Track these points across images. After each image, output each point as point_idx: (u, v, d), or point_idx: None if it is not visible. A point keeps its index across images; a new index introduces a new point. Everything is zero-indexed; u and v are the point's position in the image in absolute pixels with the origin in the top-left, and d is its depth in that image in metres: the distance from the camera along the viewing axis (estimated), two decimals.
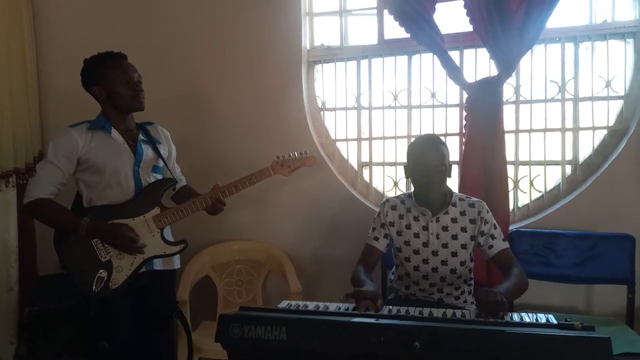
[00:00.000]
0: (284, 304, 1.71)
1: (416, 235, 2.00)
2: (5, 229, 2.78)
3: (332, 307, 1.67)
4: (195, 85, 2.92)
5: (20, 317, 2.80)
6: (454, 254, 1.96)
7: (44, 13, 3.01)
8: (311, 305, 1.67)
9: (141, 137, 2.13)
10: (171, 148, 2.28)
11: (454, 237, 1.96)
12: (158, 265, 2.12)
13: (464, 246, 1.96)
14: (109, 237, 1.98)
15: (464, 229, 1.96)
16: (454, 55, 2.53)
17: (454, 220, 1.97)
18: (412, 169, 1.96)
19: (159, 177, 2.16)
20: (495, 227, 1.95)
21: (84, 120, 2.07)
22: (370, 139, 2.83)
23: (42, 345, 2.53)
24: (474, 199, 2.00)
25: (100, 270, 1.98)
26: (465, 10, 2.39)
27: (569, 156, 2.54)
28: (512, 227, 2.47)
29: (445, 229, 1.97)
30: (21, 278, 2.84)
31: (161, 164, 2.16)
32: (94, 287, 1.97)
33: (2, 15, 2.73)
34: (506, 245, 1.95)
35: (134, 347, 2.10)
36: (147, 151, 2.11)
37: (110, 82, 2.02)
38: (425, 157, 1.91)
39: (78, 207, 2.08)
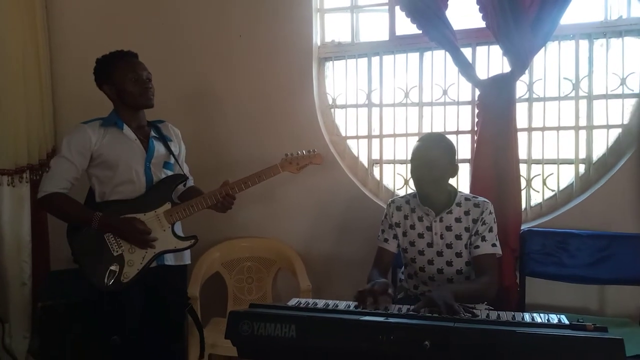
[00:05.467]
0: (293, 302, 1.72)
1: (420, 236, 1.98)
2: (19, 224, 2.81)
3: (342, 305, 1.67)
4: (205, 82, 2.93)
5: (33, 311, 2.83)
6: (459, 255, 1.94)
7: (57, 14, 3.04)
8: (321, 303, 1.67)
9: (153, 133, 2.14)
10: (181, 146, 2.30)
11: (458, 237, 1.94)
12: (169, 260, 2.13)
13: (467, 246, 1.94)
14: (121, 230, 2.00)
15: (467, 229, 1.94)
16: (466, 51, 2.51)
17: (457, 220, 1.95)
18: (410, 166, 1.97)
19: (170, 173, 2.17)
20: (490, 231, 1.92)
21: (96, 117, 2.09)
22: (381, 136, 2.81)
23: (54, 340, 2.55)
24: (481, 199, 1.98)
25: (113, 264, 2.00)
26: (477, 6, 2.37)
27: (582, 155, 2.50)
28: (524, 227, 2.44)
29: (448, 228, 1.95)
30: (34, 273, 2.87)
31: (172, 160, 2.18)
32: (105, 281, 1.99)
33: (17, 17, 2.77)
34: (493, 251, 1.91)
35: (145, 342, 2.12)
36: (158, 147, 2.13)
37: (120, 81, 2.04)
38: (419, 153, 1.91)
39: (90, 202, 2.11)
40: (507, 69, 2.41)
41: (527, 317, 1.54)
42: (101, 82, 2.09)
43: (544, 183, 2.57)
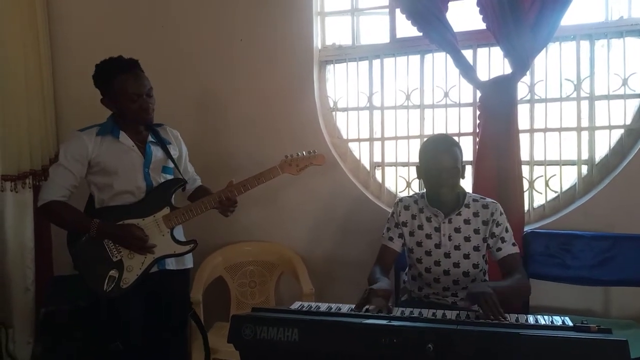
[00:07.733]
0: (296, 305, 1.71)
1: (428, 237, 1.97)
2: (22, 230, 2.82)
3: (345, 308, 1.66)
4: (206, 85, 2.93)
5: (36, 317, 2.84)
6: (466, 256, 1.93)
7: (59, 20, 3.06)
8: (323, 307, 1.67)
9: (150, 138, 2.14)
10: (182, 148, 2.28)
11: (467, 238, 1.93)
12: (170, 264, 2.13)
13: (476, 248, 1.93)
14: (119, 237, 2.00)
15: (476, 231, 1.93)
16: (467, 53, 2.51)
17: (466, 222, 1.94)
18: (425, 172, 1.93)
19: (169, 177, 2.17)
20: (507, 231, 1.91)
21: (93, 124, 2.08)
22: (382, 139, 2.81)
23: (58, 346, 2.55)
24: (489, 200, 1.97)
25: (112, 270, 2.00)
26: (478, 8, 2.37)
27: (585, 156, 2.49)
28: (527, 228, 2.44)
29: (457, 230, 1.94)
30: (37, 279, 2.88)
31: (171, 164, 2.17)
32: (105, 287, 1.99)
33: (19, 22, 2.79)
34: (515, 250, 1.90)
35: (147, 348, 2.11)
36: (156, 152, 2.13)
37: (119, 96, 2.01)
38: (438, 159, 1.87)
39: (90, 208, 2.11)
40: (508, 70, 2.41)
41: (531, 319, 1.53)
42: (100, 91, 2.06)
43: (547, 184, 2.56)
